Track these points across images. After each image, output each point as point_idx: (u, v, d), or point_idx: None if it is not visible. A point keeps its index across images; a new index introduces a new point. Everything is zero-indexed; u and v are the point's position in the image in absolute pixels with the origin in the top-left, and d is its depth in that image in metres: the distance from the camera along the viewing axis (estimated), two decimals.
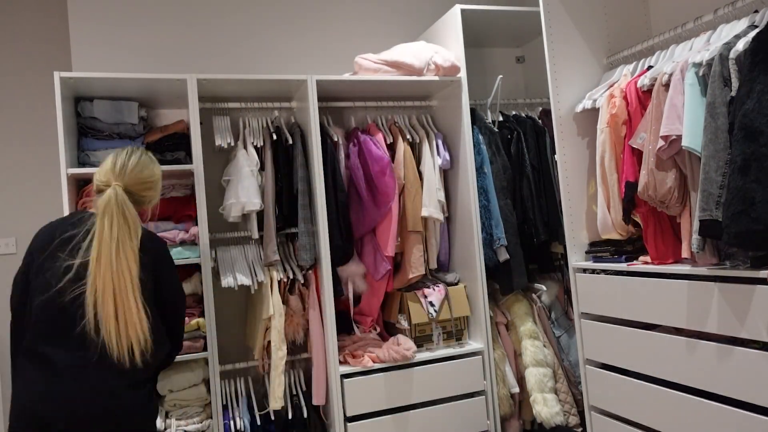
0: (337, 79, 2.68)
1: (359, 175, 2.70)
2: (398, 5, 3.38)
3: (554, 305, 2.95)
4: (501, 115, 3.05)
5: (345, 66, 3.15)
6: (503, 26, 3.15)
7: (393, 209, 2.70)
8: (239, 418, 2.50)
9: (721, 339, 1.82)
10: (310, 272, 2.64)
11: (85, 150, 2.48)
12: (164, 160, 2.55)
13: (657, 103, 1.96)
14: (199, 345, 2.41)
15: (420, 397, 2.63)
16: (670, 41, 2.21)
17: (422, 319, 2.73)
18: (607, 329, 2.24)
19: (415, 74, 2.78)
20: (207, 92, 2.66)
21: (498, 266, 2.76)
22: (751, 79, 1.60)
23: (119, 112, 2.53)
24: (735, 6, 1.92)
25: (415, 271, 2.76)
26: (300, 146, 2.64)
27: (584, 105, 2.40)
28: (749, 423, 1.69)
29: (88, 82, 2.39)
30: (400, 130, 2.89)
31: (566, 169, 2.45)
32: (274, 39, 3.15)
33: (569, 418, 2.73)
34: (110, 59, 2.87)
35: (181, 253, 2.42)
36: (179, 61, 2.97)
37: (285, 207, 2.61)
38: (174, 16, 3.00)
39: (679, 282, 1.91)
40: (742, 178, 1.59)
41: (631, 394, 2.15)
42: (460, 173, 2.85)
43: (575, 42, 2.50)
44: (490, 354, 2.74)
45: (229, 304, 2.80)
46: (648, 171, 1.94)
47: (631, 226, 2.19)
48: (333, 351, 2.54)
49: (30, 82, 3.10)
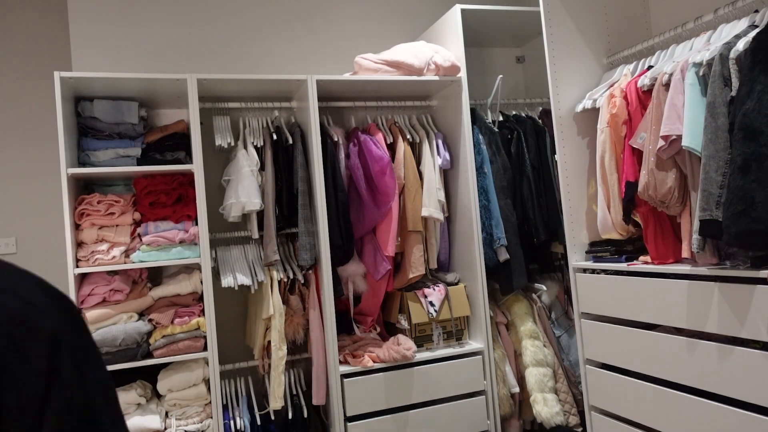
0: (337, 79, 2.68)
1: (359, 174, 2.70)
2: (398, 5, 3.38)
3: (554, 305, 2.95)
4: (501, 115, 3.05)
5: (345, 66, 3.15)
6: (503, 26, 3.15)
7: (393, 209, 2.70)
8: (239, 417, 2.50)
9: (721, 339, 1.82)
10: (310, 272, 2.64)
11: (85, 150, 2.48)
12: (164, 160, 2.55)
13: (657, 103, 1.96)
14: (199, 345, 2.41)
15: (420, 397, 2.63)
16: (670, 41, 2.20)
17: (422, 319, 2.73)
18: (607, 329, 2.24)
19: (415, 74, 2.78)
20: (207, 92, 2.67)
21: (498, 266, 2.76)
22: (752, 78, 1.60)
23: (119, 112, 2.53)
24: (735, 6, 1.92)
25: (415, 271, 2.76)
26: (300, 146, 2.64)
27: (584, 105, 2.40)
28: (749, 423, 1.69)
29: (88, 82, 2.39)
30: (400, 130, 2.89)
31: (566, 169, 2.45)
32: (275, 39, 3.15)
33: (569, 418, 2.73)
34: (110, 59, 2.87)
35: (181, 253, 2.42)
36: (179, 61, 2.97)
37: (285, 207, 2.61)
38: (174, 16, 3.00)
39: (679, 282, 1.91)
40: (743, 178, 1.59)
41: (631, 394, 2.15)
42: (460, 173, 2.85)
43: (575, 42, 2.50)
44: (490, 354, 2.74)
45: (229, 304, 2.80)
46: (648, 171, 1.94)
47: (631, 226, 2.19)
48: (333, 351, 2.54)
49: (30, 82, 3.10)
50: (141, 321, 2.37)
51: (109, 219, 2.40)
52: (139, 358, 2.33)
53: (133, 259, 2.38)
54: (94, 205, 2.39)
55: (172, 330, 2.36)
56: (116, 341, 2.27)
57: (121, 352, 2.29)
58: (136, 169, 2.45)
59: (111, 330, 2.29)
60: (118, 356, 2.29)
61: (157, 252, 2.40)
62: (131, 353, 2.31)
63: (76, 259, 2.33)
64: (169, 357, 2.36)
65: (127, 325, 2.32)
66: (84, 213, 2.39)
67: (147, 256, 2.39)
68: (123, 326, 2.31)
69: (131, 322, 2.35)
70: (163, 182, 2.51)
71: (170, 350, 2.36)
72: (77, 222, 2.38)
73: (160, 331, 2.37)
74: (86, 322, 0.80)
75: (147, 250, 2.39)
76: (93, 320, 2.30)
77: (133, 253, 2.39)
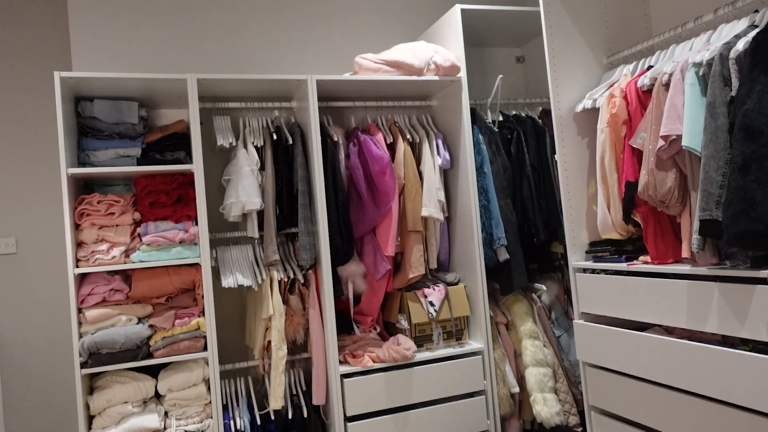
0: (337, 79, 2.68)
1: (359, 174, 2.70)
2: (398, 5, 3.38)
3: (554, 305, 2.96)
4: (501, 115, 3.04)
5: (345, 66, 3.15)
6: (503, 26, 3.15)
7: (393, 209, 2.70)
8: (239, 417, 2.50)
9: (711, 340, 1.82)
10: (310, 272, 2.64)
11: (85, 150, 2.48)
12: (164, 160, 2.55)
13: (657, 103, 1.96)
14: (199, 345, 2.41)
15: (420, 397, 2.63)
16: (670, 41, 2.21)
17: (422, 319, 2.73)
18: (601, 331, 2.24)
19: (415, 74, 2.78)
20: (207, 92, 2.67)
21: (498, 266, 2.76)
22: (752, 78, 1.60)
23: (119, 112, 2.53)
24: (735, 6, 1.92)
25: (415, 271, 2.76)
26: (300, 146, 2.64)
27: (584, 105, 2.40)
28: (749, 423, 1.69)
29: (88, 82, 2.39)
30: (400, 129, 2.89)
31: (566, 169, 2.45)
32: (275, 39, 3.15)
33: (569, 418, 2.73)
34: (110, 59, 2.87)
35: (180, 253, 2.42)
36: (179, 61, 2.97)
37: (285, 207, 2.61)
38: (174, 16, 3.00)
39: (679, 282, 1.91)
40: (742, 177, 1.58)
41: (631, 394, 2.14)
42: (460, 173, 2.85)
43: (575, 42, 2.50)
44: (490, 354, 2.74)
45: (229, 304, 2.80)
46: (648, 171, 1.94)
47: (631, 226, 2.19)
48: (333, 351, 2.54)
49: (30, 82, 3.10)
50: (141, 325, 2.37)
51: (109, 219, 2.41)
52: (140, 358, 2.34)
53: (133, 259, 2.38)
54: (94, 205, 2.39)
55: (173, 331, 2.37)
56: (116, 345, 2.28)
57: (121, 353, 2.30)
58: (136, 169, 2.45)
59: (111, 333, 2.29)
60: (119, 356, 2.30)
61: (157, 252, 2.40)
62: (131, 354, 2.32)
63: (76, 259, 2.33)
64: (169, 357, 2.36)
65: (128, 329, 2.32)
66: (84, 213, 2.39)
67: (147, 256, 2.39)
68: (123, 330, 2.31)
69: (131, 324, 2.35)
70: (163, 182, 2.51)
71: (170, 350, 2.36)
72: (77, 222, 2.38)
73: (160, 332, 2.37)
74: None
75: (147, 250, 2.39)
76: (93, 320, 2.31)
77: (133, 253, 2.39)
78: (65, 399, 3.09)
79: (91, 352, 2.27)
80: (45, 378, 3.08)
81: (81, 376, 2.25)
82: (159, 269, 2.45)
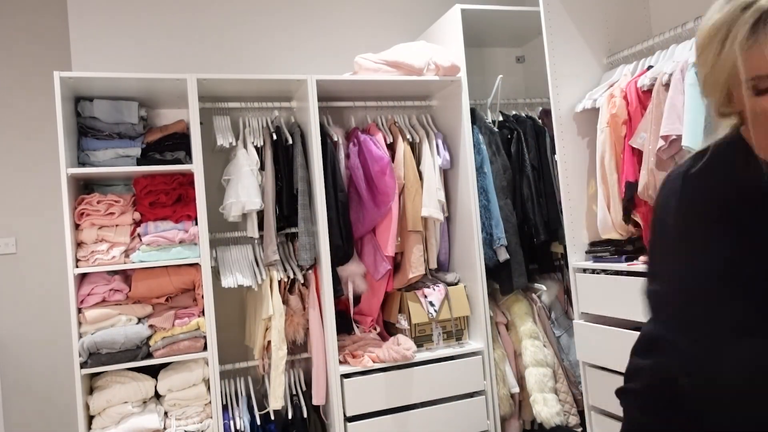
0: (337, 79, 2.68)
1: (359, 175, 2.70)
2: (398, 5, 3.38)
3: (554, 305, 2.95)
4: (501, 115, 3.04)
5: (345, 66, 3.15)
6: (503, 26, 3.15)
7: (393, 209, 2.70)
8: (239, 417, 2.50)
9: None
10: (310, 272, 2.64)
11: (85, 150, 2.48)
12: (164, 160, 2.55)
13: (657, 103, 1.96)
14: (199, 345, 2.41)
15: (420, 397, 2.63)
16: (670, 41, 2.20)
17: (422, 319, 2.73)
18: (603, 331, 2.24)
19: (415, 74, 2.78)
20: (207, 92, 2.67)
21: (498, 266, 2.76)
22: None
23: (119, 112, 2.53)
24: None
25: (415, 271, 2.76)
26: (300, 146, 2.64)
27: (584, 105, 2.40)
28: None
29: (88, 82, 2.39)
30: (400, 129, 2.89)
31: (566, 169, 2.45)
32: (275, 39, 3.15)
33: (569, 418, 2.73)
34: (110, 59, 2.87)
35: (180, 253, 2.42)
36: (179, 61, 2.97)
37: (285, 207, 2.61)
38: (174, 16, 3.00)
39: None
40: None
41: None
42: (460, 173, 2.85)
43: (575, 42, 2.50)
44: (490, 354, 2.74)
45: (229, 304, 2.80)
46: (648, 171, 1.94)
47: (631, 226, 2.19)
48: (333, 351, 2.54)
49: (30, 82, 3.10)
50: (141, 325, 2.37)
51: (109, 219, 2.41)
52: (140, 358, 2.34)
53: (132, 259, 2.38)
54: (94, 205, 2.39)
55: (173, 331, 2.37)
56: (116, 345, 2.28)
57: (121, 353, 2.30)
58: (135, 169, 2.45)
59: (111, 333, 2.29)
60: (119, 356, 2.29)
61: (157, 252, 2.40)
62: (131, 354, 2.32)
63: (75, 259, 2.33)
64: (169, 357, 2.36)
65: (128, 329, 2.32)
66: (84, 213, 2.39)
67: (147, 256, 2.39)
68: (123, 330, 2.31)
69: (131, 324, 2.35)
70: (163, 182, 2.51)
71: (170, 350, 2.36)
72: (77, 222, 2.38)
73: (160, 333, 2.37)
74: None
75: (147, 250, 2.39)
76: (92, 320, 2.31)
77: (133, 253, 2.39)
78: (65, 399, 3.08)
79: (91, 352, 2.27)
80: (45, 378, 3.08)
81: (81, 376, 2.25)
82: (159, 269, 2.45)
